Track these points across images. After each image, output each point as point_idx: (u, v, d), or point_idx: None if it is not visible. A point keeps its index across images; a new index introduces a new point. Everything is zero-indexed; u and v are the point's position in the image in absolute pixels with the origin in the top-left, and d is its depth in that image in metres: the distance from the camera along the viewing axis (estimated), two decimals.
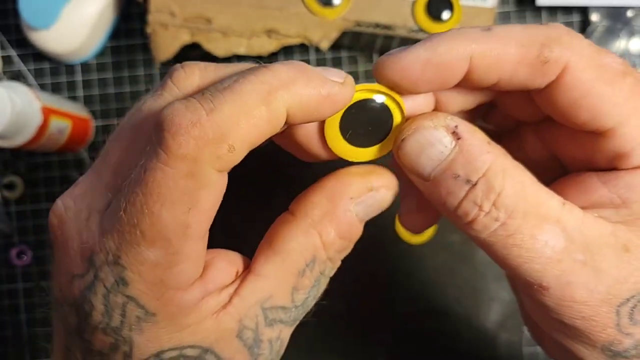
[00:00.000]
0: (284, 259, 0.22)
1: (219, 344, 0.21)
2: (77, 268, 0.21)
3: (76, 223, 0.21)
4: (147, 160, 0.19)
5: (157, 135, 0.19)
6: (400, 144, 0.22)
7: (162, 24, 0.41)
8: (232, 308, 0.21)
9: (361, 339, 0.47)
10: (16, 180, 0.48)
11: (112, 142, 0.21)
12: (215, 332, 0.21)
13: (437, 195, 0.21)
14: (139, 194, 0.19)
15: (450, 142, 0.21)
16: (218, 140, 0.19)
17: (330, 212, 0.22)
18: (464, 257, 0.47)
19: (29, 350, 0.48)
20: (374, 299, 0.47)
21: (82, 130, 0.46)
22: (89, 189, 0.21)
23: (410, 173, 0.22)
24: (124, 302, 0.20)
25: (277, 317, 0.22)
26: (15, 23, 0.48)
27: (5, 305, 0.48)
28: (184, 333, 0.21)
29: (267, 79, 0.19)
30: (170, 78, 0.22)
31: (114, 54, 0.48)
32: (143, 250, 0.19)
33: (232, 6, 0.41)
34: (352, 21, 0.41)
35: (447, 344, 0.47)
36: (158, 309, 0.20)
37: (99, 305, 0.20)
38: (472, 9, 0.41)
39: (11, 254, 0.48)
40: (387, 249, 0.47)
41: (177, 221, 0.19)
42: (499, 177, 0.20)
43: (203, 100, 0.19)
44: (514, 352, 0.47)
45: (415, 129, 0.21)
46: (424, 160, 0.21)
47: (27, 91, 0.40)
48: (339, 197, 0.23)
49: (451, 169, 0.21)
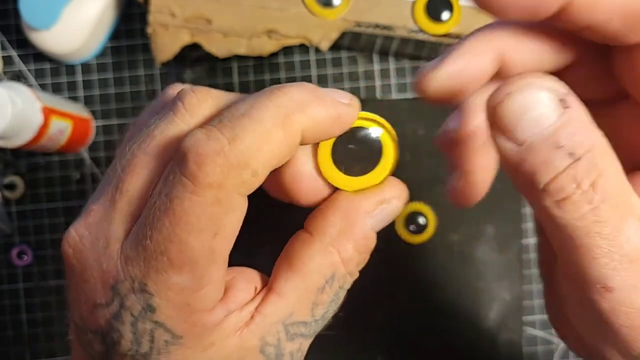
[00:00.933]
0: (303, 278, 0.22)
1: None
2: (100, 297, 0.21)
3: (94, 252, 0.21)
4: (172, 190, 0.19)
5: (181, 165, 0.19)
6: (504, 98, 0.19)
7: (162, 24, 0.41)
8: (254, 326, 0.22)
9: (361, 338, 0.47)
10: (17, 180, 0.48)
11: (125, 169, 0.21)
12: (239, 349, 0.21)
13: (528, 164, 0.19)
14: (165, 223, 0.19)
15: (559, 108, 0.19)
16: (242, 166, 0.19)
17: (347, 229, 0.22)
18: (464, 257, 0.47)
19: (30, 350, 0.48)
20: (373, 298, 0.47)
21: (83, 130, 0.46)
22: (103, 218, 0.21)
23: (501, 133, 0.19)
24: (152, 328, 0.20)
25: (298, 332, 0.23)
26: (15, 23, 0.48)
27: (6, 305, 0.48)
28: (209, 352, 0.21)
29: (282, 102, 0.20)
30: (181, 103, 0.22)
31: (114, 55, 0.48)
32: (171, 276, 0.20)
33: (232, 7, 0.41)
34: (352, 22, 0.41)
35: (447, 344, 0.47)
36: (185, 332, 0.21)
37: (127, 334, 0.21)
38: (472, 9, 0.41)
39: (12, 254, 0.48)
40: (387, 249, 0.47)
41: (205, 247, 0.20)
42: (604, 157, 0.19)
43: (223, 128, 0.19)
44: (514, 351, 0.47)
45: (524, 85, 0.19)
46: (525, 122, 0.19)
47: (27, 91, 0.40)
48: (355, 214, 0.23)
49: (555, 137, 0.19)
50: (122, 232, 0.21)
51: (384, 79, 0.48)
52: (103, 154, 0.48)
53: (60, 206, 0.48)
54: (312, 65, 0.48)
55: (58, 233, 0.48)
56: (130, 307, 0.20)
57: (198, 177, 0.19)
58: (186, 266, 0.20)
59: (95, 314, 0.21)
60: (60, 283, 0.48)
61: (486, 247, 0.47)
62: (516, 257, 0.47)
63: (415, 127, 0.47)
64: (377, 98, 0.48)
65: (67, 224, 0.48)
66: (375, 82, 0.48)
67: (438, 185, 0.47)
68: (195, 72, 0.48)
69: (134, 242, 0.20)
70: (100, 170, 0.48)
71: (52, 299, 0.48)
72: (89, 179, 0.48)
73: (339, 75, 0.48)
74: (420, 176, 0.47)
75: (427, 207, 0.47)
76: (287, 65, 0.48)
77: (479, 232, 0.47)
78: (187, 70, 0.48)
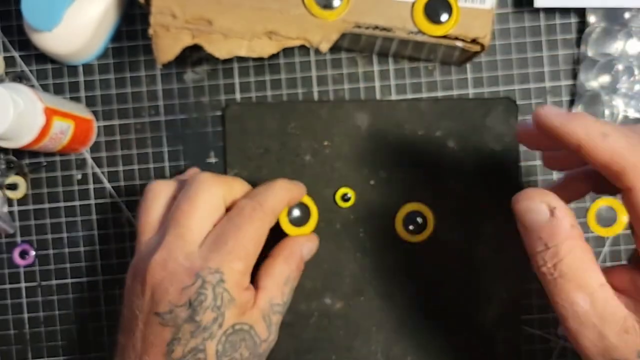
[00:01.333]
0: (274, 278, 0.40)
1: (256, 323, 0.38)
2: (186, 282, 0.36)
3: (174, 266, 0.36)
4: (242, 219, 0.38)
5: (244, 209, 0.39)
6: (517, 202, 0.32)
7: (163, 25, 0.41)
8: (259, 302, 0.39)
9: (360, 337, 0.48)
10: (19, 180, 0.48)
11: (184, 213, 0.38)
12: (255, 316, 0.38)
13: (526, 239, 0.32)
14: (236, 237, 0.37)
15: (547, 215, 0.31)
16: (269, 214, 0.39)
17: (293, 253, 0.42)
18: (463, 256, 0.47)
19: (32, 349, 0.49)
20: (373, 297, 0.48)
21: (85, 130, 0.46)
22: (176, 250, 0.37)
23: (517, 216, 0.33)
24: (222, 292, 0.36)
25: (276, 309, 0.39)
26: (17, 24, 0.49)
27: (8, 304, 0.49)
28: (244, 316, 0.37)
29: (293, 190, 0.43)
30: None
31: (116, 56, 0.49)
32: (235, 265, 0.37)
33: (233, 8, 0.41)
34: (352, 23, 0.41)
35: (445, 342, 0.47)
36: (237, 297, 0.37)
37: (210, 294, 0.36)
38: (471, 11, 0.42)
39: (14, 253, 0.48)
40: (386, 248, 0.48)
41: (254, 249, 0.38)
42: (569, 250, 0.31)
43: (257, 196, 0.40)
44: (512, 350, 0.47)
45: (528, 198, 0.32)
46: (528, 217, 0.32)
47: (29, 92, 0.41)
48: (297, 245, 0.43)
49: (539, 233, 0.31)
50: (189, 250, 0.37)
51: (383, 80, 0.48)
52: (105, 154, 0.49)
53: (62, 206, 0.49)
54: (312, 66, 0.49)
55: (60, 233, 0.49)
56: (211, 281, 0.36)
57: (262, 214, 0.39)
58: (244, 259, 0.37)
59: (182, 293, 0.35)
60: (61, 282, 0.49)
61: (484, 246, 0.47)
62: (515, 257, 0.47)
63: (414, 128, 0.47)
64: (376, 99, 0.48)
65: (68, 223, 0.49)
66: (375, 82, 0.48)
67: (436, 184, 0.47)
68: (196, 73, 0.49)
69: (211, 247, 0.37)
70: (101, 170, 0.49)
71: (53, 299, 0.49)
72: (91, 179, 0.49)
73: (338, 76, 0.49)
74: (418, 176, 0.47)
75: (426, 206, 0.47)
76: (288, 66, 0.49)
77: (478, 232, 0.47)
78: (188, 71, 0.49)
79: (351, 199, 0.47)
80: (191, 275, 0.35)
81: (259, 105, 0.48)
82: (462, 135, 0.47)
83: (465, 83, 0.48)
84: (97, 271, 0.49)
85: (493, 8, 0.42)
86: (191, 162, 0.49)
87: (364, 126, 0.48)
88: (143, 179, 0.49)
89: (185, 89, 0.49)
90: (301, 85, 0.49)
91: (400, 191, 0.47)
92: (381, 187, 0.47)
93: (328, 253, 0.47)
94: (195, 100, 0.49)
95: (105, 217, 0.49)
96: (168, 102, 0.49)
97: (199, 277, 0.35)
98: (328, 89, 0.49)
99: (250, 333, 0.37)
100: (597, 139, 0.31)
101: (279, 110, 0.48)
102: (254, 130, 0.48)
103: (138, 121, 0.49)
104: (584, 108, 0.47)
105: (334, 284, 0.48)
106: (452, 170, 0.47)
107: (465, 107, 0.48)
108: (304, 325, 0.48)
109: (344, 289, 0.48)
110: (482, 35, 0.42)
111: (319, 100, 0.48)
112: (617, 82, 0.47)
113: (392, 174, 0.47)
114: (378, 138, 0.47)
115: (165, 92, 0.49)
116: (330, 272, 0.48)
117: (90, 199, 0.49)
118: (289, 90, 0.49)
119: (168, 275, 0.36)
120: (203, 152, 0.49)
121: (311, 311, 0.48)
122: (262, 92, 0.49)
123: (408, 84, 0.48)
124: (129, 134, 0.49)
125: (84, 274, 0.49)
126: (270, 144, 0.48)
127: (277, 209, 0.40)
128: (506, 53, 0.48)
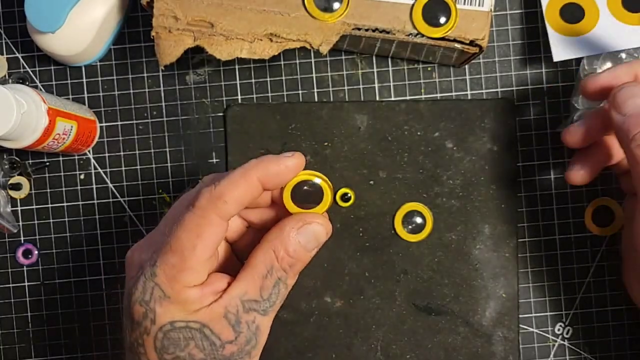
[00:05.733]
0: (252, 268, 0.34)
1: (212, 322, 0.33)
2: (133, 272, 0.35)
3: (138, 257, 0.35)
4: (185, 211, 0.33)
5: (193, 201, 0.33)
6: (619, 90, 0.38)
7: (166, 27, 0.41)
8: (220, 300, 0.33)
9: (359, 336, 0.48)
10: (22, 180, 0.49)
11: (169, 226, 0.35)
12: (209, 315, 0.33)
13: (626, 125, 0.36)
14: (175, 227, 0.33)
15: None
16: (218, 197, 0.33)
17: (279, 235, 0.34)
18: (461, 255, 0.48)
19: (35, 348, 0.49)
20: (372, 296, 0.48)
21: (88, 131, 0.47)
22: (146, 239, 0.36)
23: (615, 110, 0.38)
24: (153, 286, 0.33)
25: (251, 307, 0.34)
26: (21, 26, 0.49)
27: (12, 303, 0.49)
28: (189, 314, 0.33)
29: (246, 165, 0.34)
30: None
31: (118, 57, 0.49)
32: (168, 256, 0.33)
33: (234, 10, 0.41)
34: (351, 25, 0.42)
35: (444, 341, 0.48)
36: (172, 295, 0.33)
37: (139, 287, 0.33)
38: (469, 13, 0.42)
39: (18, 253, 0.49)
40: (385, 247, 0.48)
41: (190, 242, 0.33)
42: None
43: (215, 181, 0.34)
44: (510, 348, 0.48)
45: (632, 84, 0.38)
46: (630, 102, 0.37)
47: (33, 93, 0.41)
48: (285, 226, 0.35)
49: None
50: (159, 242, 0.34)
51: (382, 81, 0.49)
52: (107, 155, 0.49)
53: (65, 206, 0.49)
54: (312, 67, 0.49)
55: (63, 232, 0.49)
56: (145, 273, 0.33)
57: (195, 204, 0.33)
58: (178, 252, 0.33)
59: (128, 284, 0.35)
60: (64, 281, 0.49)
61: (483, 245, 0.48)
62: (513, 256, 0.48)
63: (413, 128, 0.48)
64: (376, 100, 0.49)
65: (71, 223, 0.49)
66: (374, 84, 0.49)
67: (435, 184, 0.48)
68: (198, 75, 0.49)
69: (157, 243, 0.34)
70: (104, 170, 0.49)
71: (56, 297, 0.49)
72: (93, 179, 0.49)
73: (338, 77, 0.49)
74: (417, 176, 0.48)
75: (425, 206, 0.48)
76: (288, 68, 0.49)
77: (476, 231, 0.48)
78: (190, 72, 0.49)
79: (351, 199, 0.48)
80: (137, 266, 0.35)
81: (260, 106, 0.49)
82: (460, 136, 0.48)
83: (464, 84, 0.49)
84: (100, 270, 0.49)
85: (491, 10, 0.42)
86: (193, 163, 0.49)
87: (363, 127, 0.48)
88: (145, 179, 0.49)
89: (187, 90, 0.49)
90: (301, 87, 0.49)
91: (399, 191, 0.48)
92: (381, 187, 0.48)
93: (328, 252, 0.48)
94: (197, 101, 0.49)
95: (107, 217, 0.49)
96: (170, 103, 0.49)
97: (140, 269, 0.34)
98: (328, 90, 0.49)
99: (203, 332, 0.33)
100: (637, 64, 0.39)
101: (279, 111, 0.48)
102: (255, 130, 0.48)
103: (140, 122, 0.49)
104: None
105: (334, 282, 0.48)
106: (451, 171, 0.48)
107: (464, 108, 0.48)
108: (304, 323, 0.48)
109: (343, 288, 0.48)
110: (480, 37, 0.42)
111: (319, 101, 0.49)
112: None
113: (391, 174, 0.48)
114: (377, 138, 0.48)
115: (167, 93, 0.49)
116: (331, 271, 0.48)
117: (93, 199, 0.49)
118: (289, 92, 0.49)
119: (131, 260, 0.36)
120: (205, 152, 0.49)
121: (311, 310, 0.48)
122: (263, 93, 0.49)
123: (407, 85, 0.49)
124: (132, 134, 0.49)
125: (87, 273, 0.49)
126: (271, 145, 0.48)
127: (234, 195, 0.33)
128: (504, 54, 0.49)
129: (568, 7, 0.46)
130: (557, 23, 0.46)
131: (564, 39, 0.46)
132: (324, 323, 0.48)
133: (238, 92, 0.49)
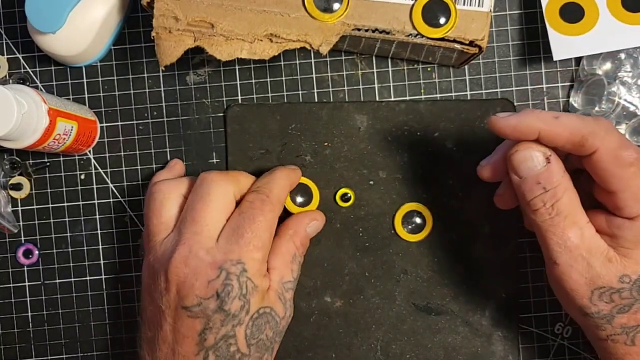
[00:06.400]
0: (282, 257, 0.43)
1: (275, 304, 0.41)
2: (211, 276, 0.39)
3: (197, 262, 0.39)
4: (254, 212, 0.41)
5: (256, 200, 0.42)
6: (514, 152, 0.37)
7: (166, 28, 0.42)
8: (272, 284, 0.42)
9: (359, 335, 0.48)
10: (23, 180, 0.49)
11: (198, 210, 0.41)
12: (273, 298, 0.41)
13: (522, 189, 0.36)
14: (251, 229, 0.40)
15: (543, 162, 0.36)
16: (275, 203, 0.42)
17: (297, 231, 0.44)
18: (461, 255, 0.48)
19: (35, 348, 0.49)
20: (372, 295, 0.48)
21: (88, 131, 0.47)
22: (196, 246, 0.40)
23: (512, 171, 0.37)
24: (246, 280, 0.39)
25: (288, 286, 0.43)
26: (21, 26, 0.49)
27: (12, 303, 0.49)
28: (264, 300, 0.40)
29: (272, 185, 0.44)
30: None
31: (119, 57, 0.49)
32: (255, 255, 0.40)
33: (234, 11, 0.41)
34: (351, 26, 0.42)
35: (443, 340, 0.48)
36: (259, 284, 0.40)
37: (235, 284, 0.39)
38: (469, 13, 0.42)
39: (18, 253, 0.49)
40: (385, 247, 0.48)
41: (269, 239, 0.41)
42: (563, 192, 0.36)
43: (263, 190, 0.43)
44: (510, 348, 0.48)
45: (525, 148, 0.36)
46: (525, 166, 0.36)
47: (33, 93, 0.41)
48: (301, 224, 0.45)
49: (537, 178, 0.36)
50: (209, 246, 0.40)
51: (382, 81, 0.49)
52: (108, 155, 0.49)
53: (65, 206, 0.49)
54: (312, 68, 0.49)
55: (63, 232, 0.49)
56: (234, 272, 0.39)
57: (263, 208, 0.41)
58: (262, 249, 0.40)
59: (209, 287, 0.39)
60: (65, 281, 0.49)
61: (482, 245, 0.48)
62: (512, 256, 0.48)
63: (413, 129, 0.48)
64: (375, 100, 0.49)
65: (72, 223, 0.49)
66: (374, 84, 0.49)
67: (434, 185, 0.48)
68: (198, 75, 0.49)
69: (230, 241, 0.40)
70: (104, 170, 0.49)
71: (57, 297, 0.49)
72: (94, 179, 0.49)
73: (338, 77, 0.49)
74: (416, 176, 0.48)
75: (424, 206, 0.48)
76: (288, 68, 0.49)
77: (476, 231, 0.48)
78: (190, 73, 0.49)
79: (351, 199, 0.48)
80: (215, 269, 0.39)
81: (260, 106, 0.49)
82: (460, 136, 0.48)
83: (464, 84, 0.49)
84: (100, 270, 0.49)
85: (490, 10, 0.42)
86: (193, 163, 0.49)
87: (363, 127, 0.48)
88: (146, 179, 0.49)
89: (188, 91, 0.49)
90: (301, 87, 0.49)
91: (399, 191, 0.48)
92: (380, 187, 0.48)
93: (328, 252, 0.48)
94: (197, 102, 0.49)
95: (108, 217, 0.49)
96: (170, 103, 0.49)
97: (222, 269, 0.39)
98: (328, 90, 0.49)
99: (271, 314, 0.40)
100: (552, 122, 0.35)
101: (279, 111, 0.48)
102: (255, 131, 0.48)
103: (141, 122, 0.49)
104: (586, 92, 0.48)
105: (333, 282, 0.48)
106: (451, 171, 0.48)
107: (464, 108, 0.48)
108: (304, 323, 0.48)
109: (343, 288, 0.48)
110: (479, 37, 0.42)
111: (319, 102, 0.49)
112: (620, 69, 0.47)
113: (391, 174, 0.48)
114: (377, 139, 0.48)
115: (168, 93, 0.49)
116: (330, 270, 0.48)
117: (94, 199, 0.49)
118: (289, 92, 0.49)
119: (191, 271, 0.39)
120: (205, 152, 0.49)
121: (311, 309, 0.48)
122: (263, 93, 0.49)
123: (407, 85, 0.49)
124: (132, 134, 0.49)
125: (87, 273, 0.49)
126: (271, 145, 0.48)
127: (282, 197, 0.43)
128: (504, 55, 0.49)
129: (568, 7, 0.46)
130: (557, 23, 0.46)
131: (564, 38, 0.46)
132: (324, 323, 0.48)
133: (238, 93, 0.49)
